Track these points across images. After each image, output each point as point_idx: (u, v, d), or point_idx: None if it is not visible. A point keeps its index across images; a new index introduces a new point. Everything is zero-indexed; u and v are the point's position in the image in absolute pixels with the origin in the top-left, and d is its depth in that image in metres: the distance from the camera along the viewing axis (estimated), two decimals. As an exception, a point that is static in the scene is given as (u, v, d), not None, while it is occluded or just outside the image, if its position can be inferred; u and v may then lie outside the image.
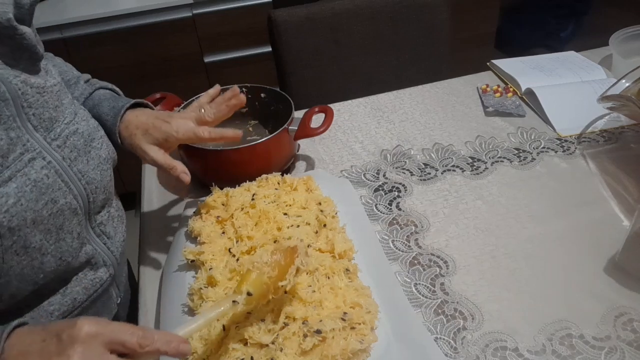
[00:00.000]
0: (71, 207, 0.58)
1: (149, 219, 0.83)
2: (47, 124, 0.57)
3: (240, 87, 0.94)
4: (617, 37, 1.08)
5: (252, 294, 0.52)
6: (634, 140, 0.91)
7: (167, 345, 0.45)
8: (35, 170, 0.54)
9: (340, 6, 1.27)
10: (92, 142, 0.63)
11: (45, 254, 0.56)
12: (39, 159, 0.55)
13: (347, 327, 0.56)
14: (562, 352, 0.58)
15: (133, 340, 0.43)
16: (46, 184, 0.55)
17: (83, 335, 0.42)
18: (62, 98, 0.60)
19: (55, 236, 0.56)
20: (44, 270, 0.56)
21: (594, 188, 0.81)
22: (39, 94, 0.56)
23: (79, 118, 0.62)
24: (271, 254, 0.55)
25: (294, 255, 0.56)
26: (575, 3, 2.54)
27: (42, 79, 0.57)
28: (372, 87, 1.12)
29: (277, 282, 0.54)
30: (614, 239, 0.70)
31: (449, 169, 0.87)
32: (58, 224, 0.56)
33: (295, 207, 0.73)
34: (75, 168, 0.59)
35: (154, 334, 0.45)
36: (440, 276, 0.68)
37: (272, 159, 0.83)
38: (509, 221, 0.76)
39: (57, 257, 0.57)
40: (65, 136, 0.59)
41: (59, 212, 0.56)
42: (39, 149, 0.55)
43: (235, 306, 0.52)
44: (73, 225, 0.59)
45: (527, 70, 1.10)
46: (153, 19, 1.73)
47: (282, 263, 0.55)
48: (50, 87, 0.58)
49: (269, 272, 0.53)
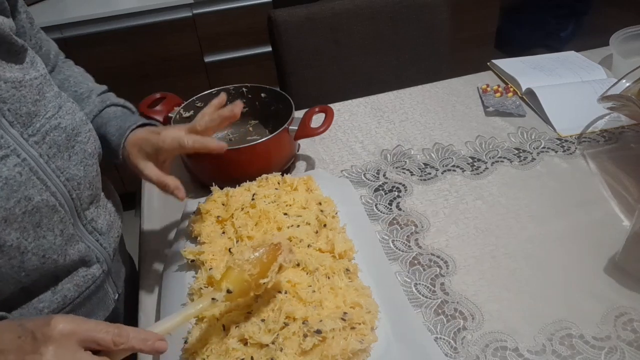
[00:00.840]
0: (48, 205, 0.57)
1: (149, 219, 0.83)
2: (25, 119, 0.55)
3: (240, 87, 0.94)
4: (617, 37, 1.08)
5: (231, 291, 0.52)
6: (634, 140, 0.91)
7: (143, 343, 0.46)
8: (8, 168, 0.53)
9: (340, 6, 1.27)
10: (76, 137, 0.62)
11: (24, 252, 0.55)
12: (12, 157, 0.53)
13: (347, 327, 0.56)
14: (562, 352, 0.58)
15: (107, 338, 0.44)
16: (18, 182, 0.54)
17: (56, 334, 0.42)
18: (44, 91, 0.59)
19: (33, 234, 0.55)
20: (25, 269, 0.56)
21: (594, 188, 0.81)
22: (15, 89, 0.54)
23: (63, 112, 0.61)
24: (253, 251, 0.55)
25: (277, 252, 0.55)
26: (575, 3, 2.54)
27: (22, 72, 0.56)
28: (372, 87, 1.12)
29: (258, 279, 0.54)
30: (614, 239, 0.70)
31: (449, 169, 0.87)
32: (35, 221, 0.56)
33: (296, 207, 0.73)
34: (54, 165, 0.58)
35: (129, 331, 0.45)
36: (440, 276, 0.68)
37: (272, 159, 0.83)
38: (509, 221, 0.76)
39: (40, 255, 0.57)
40: (45, 131, 0.58)
41: (34, 209, 0.55)
42: (13, 145, 0.54)
43: (214, 304, 0.52)
44: (54, 222, 0.58)
45: (528, 70, 1.10)
46: (153, 19, 1.73)
47: (264, 260, 0.54)
48: (29, 80, 0.56)
49: (249, 269, 0.53)
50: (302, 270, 0.63)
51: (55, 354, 0.42)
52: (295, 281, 0.60)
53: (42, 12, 1.68)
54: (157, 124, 0.74)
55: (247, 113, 0.97)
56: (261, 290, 0.55)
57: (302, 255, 0.64)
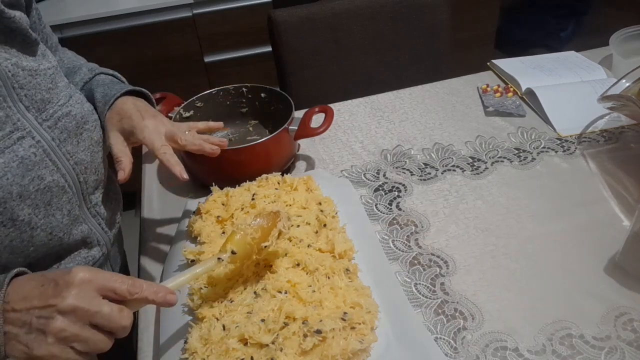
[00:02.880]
0: (59, 185, 0.61)
1: (149, 219, 0.83)
2: (39, 105, 0.60)
3: (240, 87, 0.94)
4: (617, 37, 1.08)
5: (236, 252, 0.56)
6: (634, 140, 0.91)
7: (155, 295, 0.49)
8: (24, 148, 0.57)
9: (340, 6, 1.27)
10: (84, 125, 0.66)
11: (34, 227, 0.59)
12: (28, 138, 0.58)
13: (347, 327, 0.56)
14: (562, 352, 0.58)
15: (123, 287, 0.48)
16: (33, 162, 0.58)
17: (77, 280, 0.46)
18: (57, 81, 0.63)
19: (43, 211, 0.59)
20: (34, 244, 0.59)
21: (594, 188, 0.81)
22: (31, 76, 0.59)
23: (73, 101, 0.65)
24: (255, 217, 0.59)
25: (277, 219, 0.60)
26: (575, 3, 2.54)
27: (36, 62, 0.60)
28: (372, 87, 1.12)
29: (260, 243, 0.58)
30: (614, 239, 0.70)
31: (449, 168, 0.87)
32: (46, 199, 0.60)
33: (296, 207, 0.73)
34: (64, 149, 0.62)
35: (142, 283, 0.49)
36: (440, 276, 0.68)
37: (272, 159, 0.83)
38: (509, 221, 0.76)
39: (48, 232, 0.60)
40: (57, 117, 0.62)
41: (46, 188, 0.59)
42: (29, 128, 0.58)
43: (220, 263, 0.56)
44: (62, 202, 0.62)
45: (528, 70, 1.10)
46: (153, 19, 1.73)
47: (265, 226, 0.59)
48: (43, 70, 0.61)
49: (252, 233, 0.58)
50: (302, 270, 0.63)
51: (77, 296, 0.45)
52: (295, 281, 0.60)
53: (42, 12, 1.67)
54: (149, 94, 0.75)
55: (247, 113, 0.97)
56: (263, 254, 0.60)
57: (302, 255, 0.64)
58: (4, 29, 0.57)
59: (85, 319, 0.45)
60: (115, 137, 0.66)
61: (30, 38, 0.60)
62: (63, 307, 0.45)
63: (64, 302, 0.45)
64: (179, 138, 0.67)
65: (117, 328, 0.47)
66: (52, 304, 0.45)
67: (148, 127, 0.66)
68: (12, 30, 0.57)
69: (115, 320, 0.46)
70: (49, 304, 0.45)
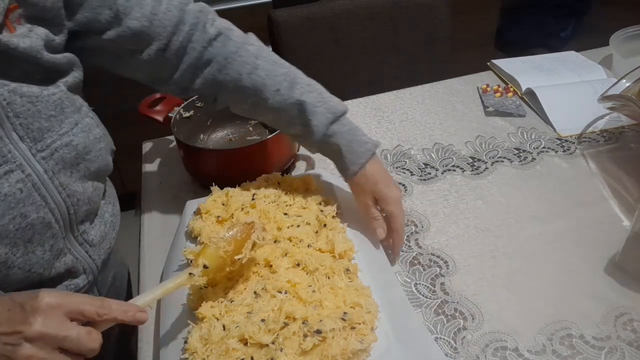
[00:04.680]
0: (44, 222, 0.56)
1: (149, 219, 0.83)
2: (36, 135, 0.55)
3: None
4: (617, 37, 1.08)
5: (208, 266, 0.56)
6: (634, 140, 0.91)
7: (124, 314, 0.49)
8: (9, 184, 0.53)
9: (340, 6, 1.27)
10: (86, 155, 0.61)
11: (10, 267, 0.55)
12: (17, 172, 0.53)
13: (347, 327, 0.56)
14: (562, 352, 0.58)
15: (92, 309, 0.47)
16: (17, 198, 0.53)
17: (44, 305, 0.45)
18: (64, 107, 0.58)
19: (22, 249, 0.55)
20: (9, 282, 0.56)
21: (594, 188, 0.81)
22: (31, 103, 0.54)
23: (78, 129, 0.60)
24: (228, 230, 0.59)
25: (251, 230, 0.59)
26: (575, 3, 2.53)
27: (39, 88, 0.55)
28: (372, 87, 1.12)
29: (233, 256, 0.58)
30: (614, 239, 0.70)
31: (449, 168, 0.87)
32: (26, 237, 0.55)
33: (296, 207, 0.73)
34: (57, 180, 0.57)
35: (111, 304, 0.49)
36: (440, 276, 0.68)
37: (272, 159, 0.83)
38: (509, 221, 0.76)
39: (25, 270, 0.56)
40: (55, 148, 0.57)
41: (28, 226, 0.55)
42: (19, 161, 0.54)
43: (192, 278, 0.55)
44: (45, 238, 0.57)
45: (528, 70, 1.10)
46: (153, 19, 1.72)
47: (239, 238, 0.58)
48: (46, 96, 0.56)
49: (224, 246, 0.57)
50: (302, 270, 0.63)
51: (44, 324, 0.44)
52: (295, 281, 0.60)
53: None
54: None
55: (247, 113, 0.97)
56: (236, 266, 0.59)
57: (302, 255, 0.64)
58: (9, 57, 0.52)
59: (54, 344, 0.45)
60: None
61: (42, 63, 0.55)
62: (30, 334, 0.44)
63: (30, 329, 0.44)
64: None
65: (85, 351, 0.46)
66: (19, 330, 0.44)
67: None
68: (13, 56, 0.52)
69: (83, 344, 0.46)
70: (16, 331, 0.44)
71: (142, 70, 0.68)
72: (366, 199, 0.70)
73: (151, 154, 0.97)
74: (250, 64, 0.68)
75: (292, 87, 0.69)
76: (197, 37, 0.68)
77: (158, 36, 0.65)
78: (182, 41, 0.67)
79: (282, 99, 0.68)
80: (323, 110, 0.68)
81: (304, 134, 0.71)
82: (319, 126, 0.68)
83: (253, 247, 0.59)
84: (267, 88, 0.68)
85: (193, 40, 0.68)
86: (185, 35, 0.67)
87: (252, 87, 0.68)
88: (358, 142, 0.70)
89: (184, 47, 0.67)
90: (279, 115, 0.70)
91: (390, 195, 0.68)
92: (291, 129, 0.72)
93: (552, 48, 1.39)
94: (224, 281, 0.62)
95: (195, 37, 0.68)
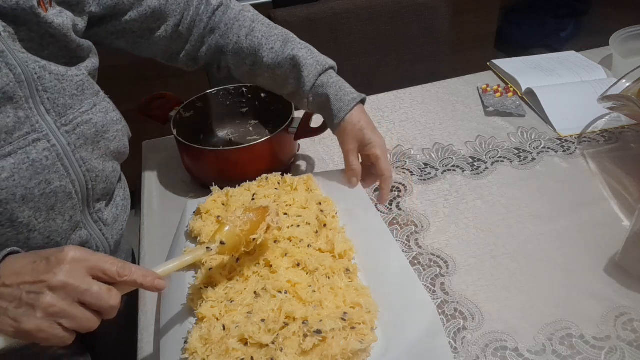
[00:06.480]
0: (65, 191, 0.61)
1: (149, 219, 0.83)
2: (60, 109, 0.60)
3: (240, 87, 0.94)
4: (617, 37, 1.08)
5: (224, 243, 0.58)
6: (634, 140, 0.91)
7: (144, 279, 0.50)
8: (37, 151, 0.57)
9: (340, 6, 1.27)
10: (104, 134, 0.66)
11: (32, 230, 0.59)
12: (43, 141, 0.58)
13: (347, 327, 0.55)
14: (562, 352, 0.58)
15: (113, 269, 0.48)
16: (43, 165, 0.58)
17: (69, 258, 0.47)
18: (84, 88, 0.63)
19: (45, 215, 0.59)
20: (29, 246, 0.59)
21: (594, 188, 0.81)
22: (57, 80, 0.59)
23: (96, 110, 0.65)
24: (244, 212, 0.60)
25: (266, 214, 0.61)
26: (575, 3, 2.53)
27: (65, 68, 0.61)
28: (372, 87, 1.12)
29: (248, 236, 0.59)
30: (614, 239, 0.70)
31: (449, 168, 0.87)
32: (49, 204, 0.59)
33: (296, 207, 0.73)
34: (79, 154, 0.62)
35: (132, 266, 0.50)
36: (440, 276, 0.68)
37: (272, 159, 0.83)
38: (509, 221, 0.76)
39: (45, 236, 0.60)
40: (77, 124, 0.62)
41: (51, 193, 0.59)
42: (46, 131, 0.58)
43: (209, 252, 0.57)
44: (66, 208, 0.62)
45: (528, 70, 1.10)
46: (153, 19, 1.72)
47: (254, 220, 0.60)
48: (70, 76, 0.61)
49: (241, 225, 0.59)
50: (302, 270, 0.63)
51: (68, 273, 0.46)
52: (295, 281, 0.60)
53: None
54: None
55: (247, 113, 0.97)
56: (251, 246, 0.60)
57: (302, 255, 0.64)
58: (42, 34, 0.57)
59: (75, 296, 0.46)
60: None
61: (69, 43, 0.60)
62: (54, 283, 0.45)
63: (54, 278, 0.45)
64: None
65: (105, 307, 0.47)
66: (43, 279, 0.46)
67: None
68: (48, 35, 0.58)
69: (104, 299, 0.47)
70: (40, 280, 0.46)
71: (161, 46, 0.76)
72: (351, 144, 0.74)
73: (151, 154, 0.97)
74: (247, 27, 0.76)
75: (285, 44, 0.75)
76: (204, 10, 0.76)
77: (173, 12, 0.74)
78: (192, 15, 0.75)
79: (276, 56, 0.75)
80: (313, 62, 0.75)
81: (296, 88, 0.76)
82: (309, 77, 0.74)
83: (267, 230, 0.61)
84: (263, 47, 0.75)
85: (200, 13, 0.76)
86: (195, 10, 0.75)
87: (250, 48, 0.75)
88: (345, 92, 0.75)
89: (194, 20, 0.76)
90: (274, 73, 0.76)
91: (376, 139, 0.73)
92: (287, 86, 0.77)
93: (552, 48, 1.39)
94: (224, 281, 0.62)
95: (202, 9, 0.76)
